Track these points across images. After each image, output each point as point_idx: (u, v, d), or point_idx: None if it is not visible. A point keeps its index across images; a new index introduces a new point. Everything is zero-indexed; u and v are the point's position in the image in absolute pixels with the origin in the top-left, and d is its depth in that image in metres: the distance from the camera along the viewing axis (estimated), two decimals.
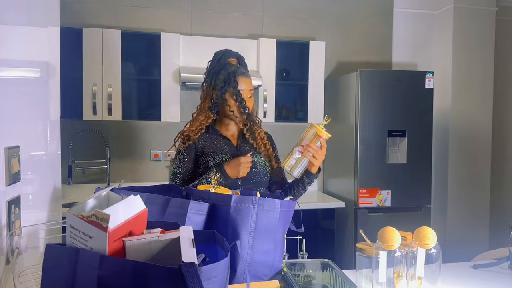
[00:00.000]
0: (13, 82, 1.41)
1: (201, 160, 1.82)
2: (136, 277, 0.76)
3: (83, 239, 0.81)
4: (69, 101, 3.03)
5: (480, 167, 3.92)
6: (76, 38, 3.12)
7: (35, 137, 1.61)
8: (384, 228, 1.31)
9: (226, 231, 1.18)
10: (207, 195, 1.25)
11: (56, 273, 0.81)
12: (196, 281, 0.74)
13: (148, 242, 0.84)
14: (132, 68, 3.35)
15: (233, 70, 1.81)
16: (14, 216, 1.18)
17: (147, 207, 0.91)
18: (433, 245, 1.32)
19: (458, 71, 3.86)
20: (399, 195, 3.34)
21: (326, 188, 3.93)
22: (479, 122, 3.91)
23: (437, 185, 3.88)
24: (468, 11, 3.85)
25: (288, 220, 1.29)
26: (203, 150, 1.83)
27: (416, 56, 4.11)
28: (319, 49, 3.61)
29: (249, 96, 1.84)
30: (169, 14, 3.61)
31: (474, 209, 3.89)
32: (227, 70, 1.82)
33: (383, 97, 3.32)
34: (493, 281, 1.61)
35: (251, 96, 1.86)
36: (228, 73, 1.81)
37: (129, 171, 3.58)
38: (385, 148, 3.33)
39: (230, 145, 1.88)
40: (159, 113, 3.30)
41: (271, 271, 1.25)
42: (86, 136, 3.45)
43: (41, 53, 1.68)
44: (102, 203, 0.91)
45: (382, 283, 1.30)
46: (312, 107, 3.60)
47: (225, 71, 1.82)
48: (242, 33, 3.73)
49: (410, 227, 1.43)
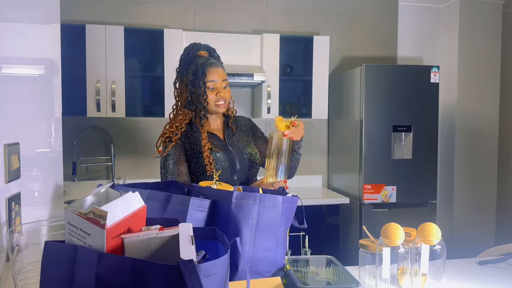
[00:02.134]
0: (16, 80, 1.41)
1: (192, 160, 1.77)
2: (134, 275, 0.76)
3: (81, 236, 0.81)
4: (73, 98, 3.03)
5: (486, 162, 3.88)
6: (79, 34, 3.12)
7: (38, 135, 1.61)
8: (387, 224, 1.30)
9: (227, 227, 1.17)
10: (208, 191, 1.24)
11: (55, 270, 0.81)
12: (195, 278, 0.73)
13: (146, 239, 0.83)
14: (136, 64, 3.35)
15: (201, 63, 1.77)
16: (14, 213, 1.18)
17: (148, 203, 0.90)
18: (437, 241, 1.31)
19: (464, 65, 3.81)
20: (405, 191, 3.32)
21: (331, 184, 3.91)
22: (486, 117, 3.87)
23: (442, 181, 3.85)
24: (474, 4, 3.81)
25: (291, 216, 1.28)
26: (192, 150, 1.77)
27: (421, 51, 4.07)
28: (323, 44, 3.58)
29: (223, 86, 1.79)
30: (172, 10, 3.60)
31: (480, 205, 3.86)
32: (196, 63, 1.77)
33: (388, 92, 3.29)
34: (499, 277, 1.59)
35: (226, 86, 1.80)
36: (197, 66, 1.76)
37: (133, 167, 3.58)
38: (390, 144, 3.30)
39: (217, 139, 1.83)
40: (163, 110, 3.29)
41: (273, 267, 1.24)
42: (90, 133, 3.46)
43: (44, 50, 1.68)
44: (101, 199, 0.90)
45: (385, 280, 1.29)
46: (316, 103, 3.58)
47: (194, 64, 1.78)
48: (245, 29, 3.71)
49: (415, 223, 1.41)
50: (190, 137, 1.80)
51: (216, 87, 1.77)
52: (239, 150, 1.84)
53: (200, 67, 1.76)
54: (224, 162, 1.76)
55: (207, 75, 1.75)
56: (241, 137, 1.89)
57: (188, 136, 1.80)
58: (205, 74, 1.75)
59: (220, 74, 1.79)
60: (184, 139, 1.80)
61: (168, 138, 1.78)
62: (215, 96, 1.78)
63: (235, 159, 1.80)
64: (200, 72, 1.75)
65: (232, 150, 1.82)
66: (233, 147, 1.84)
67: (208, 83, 1.76)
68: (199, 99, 1.76)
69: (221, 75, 1.79)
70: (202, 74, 1.75)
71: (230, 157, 1.79)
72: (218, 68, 1.79)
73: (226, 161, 1.77)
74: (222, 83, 1.79)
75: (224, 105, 1.80)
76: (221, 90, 1.78)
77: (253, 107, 3.75)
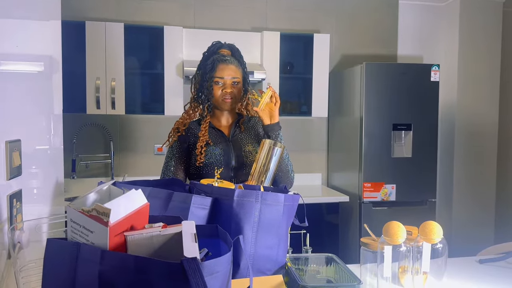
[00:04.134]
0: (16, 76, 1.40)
1: (193, 152, 1.81)
2: (137, 272, 0.75)
3: (84, 233, 0.80)
4: (73, 95, 3.02)
5: (486, 161, 3.89)
6: (79, 31, 3.11)
7: (38, 132, 1.61)
8: (389, 223, 1.30)
9: (229, 225, 1.16)
10: (210, 189, 1.24)
11: (57, 268, 0.80)
12: (198, 276, 0.73)
13: (149, 236, 0.82)
14: (135, 61, 3.34)
15: (214, 58, 1.80)
16: (16, 210, 1.18)
17: (150, 201, 0.90)
18: (439, 239, 1.31)
19: (464, 64, 3.81)
20: (404, 189, 3.32)
21: (331, 182, 3.91)
22: (486, 116, 3.87)
23: (442, 179, 3.85)
24: (475, 2, 3.80)
25: (292, 214, 1.27)
26: (195, 142, 1.82)
27: (421, 49, 4.07)
28: (323, 42, 3.57)
29: (231, 83, 1.81)
30: (172, 7, 3.59)
31: (479, 203, 3.87)
32: (209, 59, 1.81)
33: (388, 91, 3.29)
34: (499, 276, 1.59)
35: (236, 84, 1.82)
36: (209, 62, 1.80)
37: (133, 165, 3.58)
38: (390, 142, 3.30)
39: (221, 136, 1.86)
40: (163, 107, 3.29)
41: (275, 265, 1.24)
42: (90, 130, 3.45)
43: (44, 47, 1.68)
44: (103, 197, 0.90)
45: (387, 278, 1.29)
46: (316, 101, 3.58)
47: (208, 60, 1.82)
48: (245, 26, 3.71)
49: (415, 222, 1.41)
50: (195, 130, 1.86)
51: (224, 83, 1.80)
52: (239, 147, 1.84)
53: (211, 62, 1.80)
54: (219, 157, 1.78)
55: (216, 71, 1.79)
56: (247, 137, 1.89)
57: (194, 128, 1.86)
58: (214, 69, 1.79)
59: (231, 72, 1.81)
60: (190, 132, 1.85)
61: (176, 129, 1.85)
62: (222, 91, 1.80)
63: (231, 155, 1.81)
64: (209, 67, 1.79)
65: (231, 146, 1.83)
66: (234, 144, 1.84)
67: (216, 78, 1.79)
68: (205, 93, 1.81)
69: (232, 72, 1.81)
70: (211, 69, 1.79)
71: (226, 153, 1.80)
72: (230, 65, 1.81)
73: (221, 156, 1.79)
74: (231, 80, 1.80)
75: (230, 102, 1.82)
76: (228, 87, 1.80)
77: (252, 105, 3.74)
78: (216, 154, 1.78)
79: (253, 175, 1.67)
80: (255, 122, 1.94)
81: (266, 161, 1.65)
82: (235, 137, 1.87)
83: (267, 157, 1.65)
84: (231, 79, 1.80)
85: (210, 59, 1.81)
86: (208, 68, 1.79)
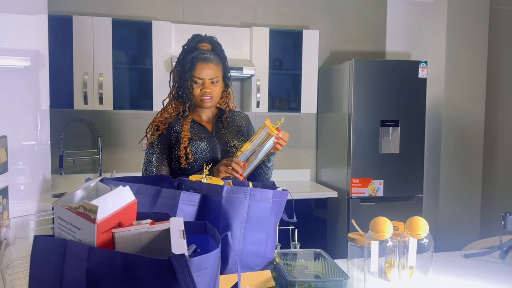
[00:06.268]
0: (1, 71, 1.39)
1: (176, 148, 1.79)
2: (125, 269, 0.75)
3: (71, 230, 0.80)
4: (60, 91, 2.99)
5: (472, 157, 3.93)
6: (66, 26, 3.07)
7: (25, 127, 1.59)
8: (376, 218, 1.31)
9: (218, 222, 1.17)
10: (198, 185, 1.24)
11: (44, 265, 0.80)
12: (186, 272, 0.73)
13: (137, 233, 0.83)
14: (123, 56, 3.31)
15: (193, 56, 1.76)
16: (2, 207, 1.17)
17: (138, 197, 0.89)
18: (425, 234, 1.33)
19: (451, 60, 3.85)
20: (392, 185, 3.36)
21: (319, 178, 3.93)
22: (472, 112, 3.91)
23: (429, 175, 3.90)
24: None
25: (281, 210, 1.28)
26: (177, 139, 1.79)
27: (409, 46, 4.10)
28: (312, 38, 3.58)
29: (211, 82, 1.78)
30: (160, 1, 3.56)
31: (465, 199, 3.92)
32: (189, 56, 1.77)
33: (377, 87, 3.32)
34: (484, 270, 1.62)
35: (215, 82, 1.79)
36: (188, 59, 1.76)
37: (121, 161, 3.55)
38: (378, 138, 3.33)
39: (204, 131, 1.84)
40: (151, 102, 3.27)
41: (263, 261, 1.25)
42: (77, 126, 3.42)
43: (31, 41, 1.65)
44: (90, 194, 0.89)
45: (374, 273, 1.30)
46: (305, 97, 3.59)
47: (188, 56, 1.77)
48: (234, 22, 3.70)
49: (402, 217, 1.43)
50: (176, 126, 1.82)
51: (203, 82, 1.77)
52: (224, 142, 1.84)
53: (190, 60, 1.75)
54: (205, 152, 1.77)
55: (196, 70, 1.75)
56: (231, 131, 1.88)
57: (174, 124, 1.83)
58: (193, 68, 1.74)
59: (210, 71, 1.77)
60: (171, 129, 1.82)
61: (156, 127, 1.81)
62: (200, 91, 1.77)
63: (217, 150, 1.80)
64: (189, 65, 1.75)
65: (216, 141, 1.82)
66: (219, 139, 1.84)
67: (195, 78, 1.76)
68: (185, 92, 1.77)
69: (211, 72, 1.77)
70: (190, 68, 1.75)
71: (212, 147, 1.80)
72: (210, 64, 1.77)
73: (207, 151, 1.78)
74: (211, 80, 1.77)
75: (210, 101, 1.80)
76: (207, 86, 1.77)
77: (242, 101, 3.74)
78: (202, 150, 1.77)
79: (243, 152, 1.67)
80: (236, 115, 1.94)
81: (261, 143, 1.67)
82: (219, 133, 1.86)
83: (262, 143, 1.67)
84: (210, 79, 1.77)
85: (189, 57, 1.76)
86: (187, 67, 1.75)
